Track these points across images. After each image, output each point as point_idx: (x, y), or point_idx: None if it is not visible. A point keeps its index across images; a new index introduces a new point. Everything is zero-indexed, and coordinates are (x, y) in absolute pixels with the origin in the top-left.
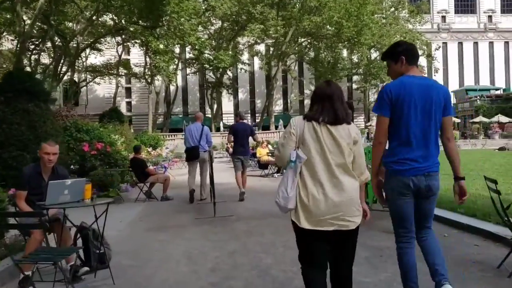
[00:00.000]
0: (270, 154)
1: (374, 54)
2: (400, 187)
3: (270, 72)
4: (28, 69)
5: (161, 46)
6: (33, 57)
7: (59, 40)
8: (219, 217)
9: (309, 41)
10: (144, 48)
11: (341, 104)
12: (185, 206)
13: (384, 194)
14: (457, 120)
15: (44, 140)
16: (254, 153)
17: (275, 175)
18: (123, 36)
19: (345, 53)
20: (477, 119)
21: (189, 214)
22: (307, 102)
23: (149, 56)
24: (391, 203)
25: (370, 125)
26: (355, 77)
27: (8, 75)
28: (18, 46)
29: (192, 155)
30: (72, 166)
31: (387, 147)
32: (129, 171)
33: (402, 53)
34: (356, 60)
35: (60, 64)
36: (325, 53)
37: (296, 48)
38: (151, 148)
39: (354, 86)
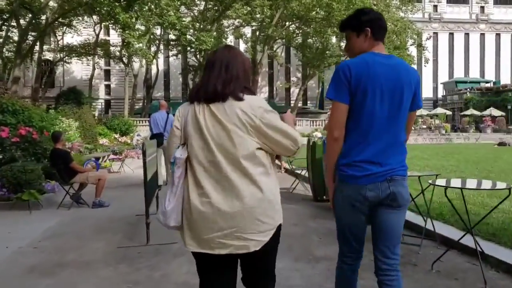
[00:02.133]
0: None
1: None
2: (353, 198)
3: (255, 57)
4: None
5: (133, 20)
6: (1, 33)
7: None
8: (154, 246)
9: (297, 25)
10: (115, 25)
11: (225, 72)
12: (117, 219)
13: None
14: (448, 112)
15: None
16: None
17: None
18: (99, 15)
19: (334, 39)
20: (467, 112)
21: (115, 236)
22: (293, 89)
23: (116, 31)
24: (339, 214)
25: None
26: None
27: None
28: None
29: (156, 142)
30: None
31: None
32: (50, 166)
33: (367, 24)
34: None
35: (29, 41)
36: (313, 38)
37: (283, 33)
38: (119, 134)
39: None
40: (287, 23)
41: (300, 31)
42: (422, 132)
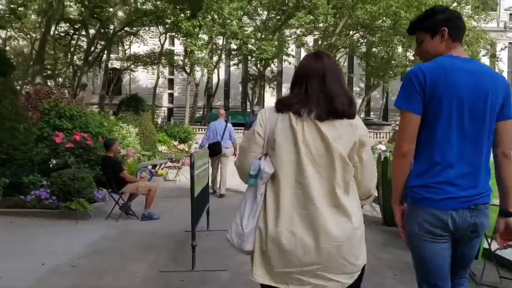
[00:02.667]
0: None
1: None
2: (431, 225)
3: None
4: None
5: (196, 29)
6: (72, 42)
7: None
8: (199, 273)
9: (361, 34)
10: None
11: (339, 86)
12: (164, 235)
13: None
14: None
15: None
16: None
17: None
18: (167, 26)
19: (400, 49)
20: None
21: (159, 257)
22: (356, 100)
23: (178, 39)
24: (414, 246)
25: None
26: None
27: None
28: (43, 23)
29: (214, 150)
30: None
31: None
32: (101, 174)
33: (444, 23)
34: (412, 58)
35: (97, 50)
36: (379, 47)
37: (347, 42)
38: (178, 142)
39: None
40: (351, 32)
41: (365, 40)
42: None
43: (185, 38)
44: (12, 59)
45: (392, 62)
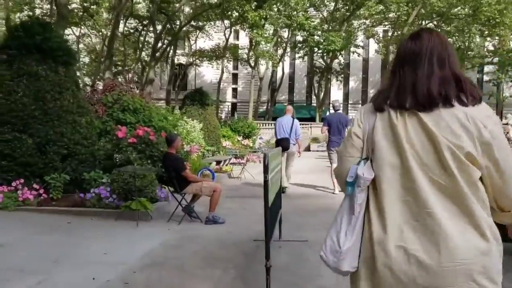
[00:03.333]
0: None
1: None
2: None
3: (387, 58)
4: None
5: (262, 21)
6: (141, 38)
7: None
8: None
9: (435, 23)
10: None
11: (439, 67)
12: (230, 244)
13: None
14: None
15: (57, 119)
16: None
17: None
18: (232, 19)
19: (478, 38)
20: None
21: (225, 274)
22: None
23: (244, 30)
24: None
25: (507, 124)
26: (486, 68)
27: (16, 26)
28: (113, 19)
29: (281, 146)
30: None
31: None
32: (161, 174)
33: None
34: (492, 48)
35: (163, 45)
36: (455, 37)
37: None
38: (242, 137)
39: (486, 78)
40: (424, 22)
41: (439, 29)
42: None
43: (250, 30)
44: (85, 56)
45: (469, 52)
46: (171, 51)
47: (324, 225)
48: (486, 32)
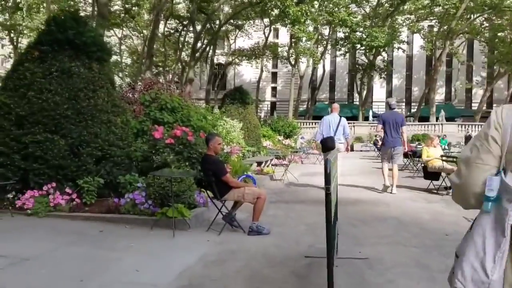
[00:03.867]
0: (446, 159)
1: None
2: None
3: (434, 53)
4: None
5: (303, 16)
6: (181, 39)
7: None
8: None
9: (485, 16)
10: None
11: None
12: (278, 262)
13: None
14: None
15: (91, 118)
16: (413, 152)
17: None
18: (271, 18)
19: None
20: None
21: None
22: (475, 91)
23: (285, 26)
24: None
25: None
26: None
27: (48, 20)
28: (153, 19)
29: (327, 146)
30: (133, 161)
31: None
32: (200, 177)
33: None
34: None
35: (203, 45)
36: (506, 31)
37: (470, 26)
38: (283, 136)
39: None
40: (473, 15)
41: (489, 23)
42: None
43: (292, 26)
44: (127, 58)
45: None
46: (211, 50)
47: (382, 238)
48: None
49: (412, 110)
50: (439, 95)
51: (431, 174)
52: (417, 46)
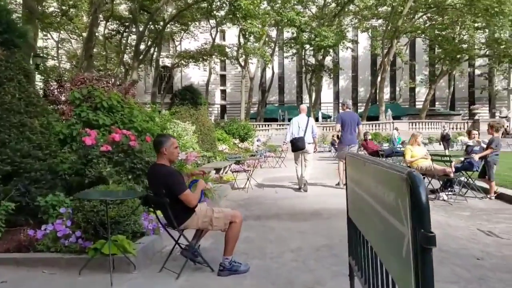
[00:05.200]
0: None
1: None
2: None
3: (382, 52)
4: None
5: (256, 8)
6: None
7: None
8: None
9: (428, 16)
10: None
11: None
12: None
13: None
14: None
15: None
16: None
17: (443, 195)
18: (217, 19)
19: (473, 30)
20: None
21: None
22: (418, 90)
23: (237, 20)
24: None
25: (506, 117)
26: (477, 62)
27: None
28: (90, 16)
29: (297, 146)
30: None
31: None
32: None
33: None
34: (483, 40)
35: (147, 46)
36: (448, 29)
37: (413, 25)
38: (238, 139)
39: (477, 71)
40: (417, 15)
41: (432, 22)
42: None
43: (244, 19)
44: (66, 62)
45: (462, 45)
46: (155, 52)
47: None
48: (479, 24)
49: (360, 110)
50: (385, 95)
51: None
52: (362, 47)
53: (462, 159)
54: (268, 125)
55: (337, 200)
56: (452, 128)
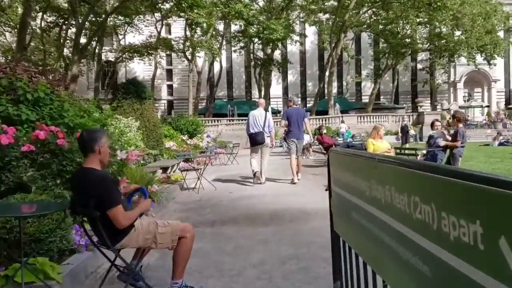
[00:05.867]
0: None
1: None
2: None
3: (330, 45)
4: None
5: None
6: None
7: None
8: None
9: (373, 10)
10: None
11: None
12: None
13: None
14: None
15: None
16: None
17: None
18: (163, 12)
19: (415, 25)
20: None
21: None
22: (365, 84)
23: (183, 9)
24: None
25: (447, 110)
26: (419, 56)
27: None
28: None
29: (256, 140)
30: None
31: None
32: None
33: None
34: (426, 35)
35: (87, 38)
36: (393, 24)
37: (359, 20)
38: (187, 136)
39: (419, 66)
40: (364, 8)
41: (377, 16)
42: None
43: (190, 9)
44: (1, 56)
45: (406, 40)
46: (98, 45)
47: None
48: (421, 19)
49: (309, 105)
50: (333, 89)
51: None
52: (309, 42)
53: (425, 152)
54: (217, 121)
55: (297, 199)
56: (398, 121)
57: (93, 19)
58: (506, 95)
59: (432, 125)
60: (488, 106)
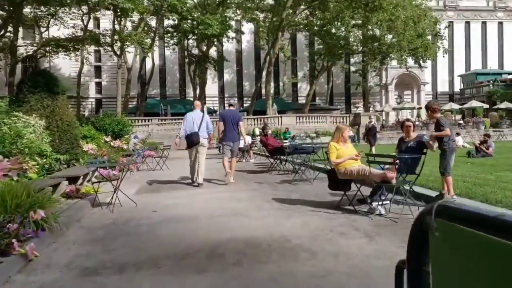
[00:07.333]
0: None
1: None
2: None
3: (268, 44)
4: None
5: None
6: None
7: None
8: None
9: (310, 10)
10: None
11: None
12: None
13: None
14: (485, 106)
15: None
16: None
17: (379, 207)
18: (90, 5)
19: (351, 26)
20: (502, 105)
21: None
22: (300, 85)
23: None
24: None
25: (377, 112)
26: (353, 59)
27: None
28: None
29: (192, 140)
30: None
31: None
32: None
33: None
34: (360, 38)
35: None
36: (330, 25)
37: (298, 19)
38: (110, 137)
39: (352, 68)
40: (301, 7)
41: (314, 17)
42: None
43: None
44: None
45: (341, 41)
46: (13, 36)
47: None
48: (360, 21)
49: (245, 105)
50: (271, 90)
51: (341, 182)
52: (246, 41)
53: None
54: (148, 120)
55: (241, 222)
56: (333, 122)
57: (6, 7)
58: (433, 97)
59: (403, 126)
60: (420, 108)
